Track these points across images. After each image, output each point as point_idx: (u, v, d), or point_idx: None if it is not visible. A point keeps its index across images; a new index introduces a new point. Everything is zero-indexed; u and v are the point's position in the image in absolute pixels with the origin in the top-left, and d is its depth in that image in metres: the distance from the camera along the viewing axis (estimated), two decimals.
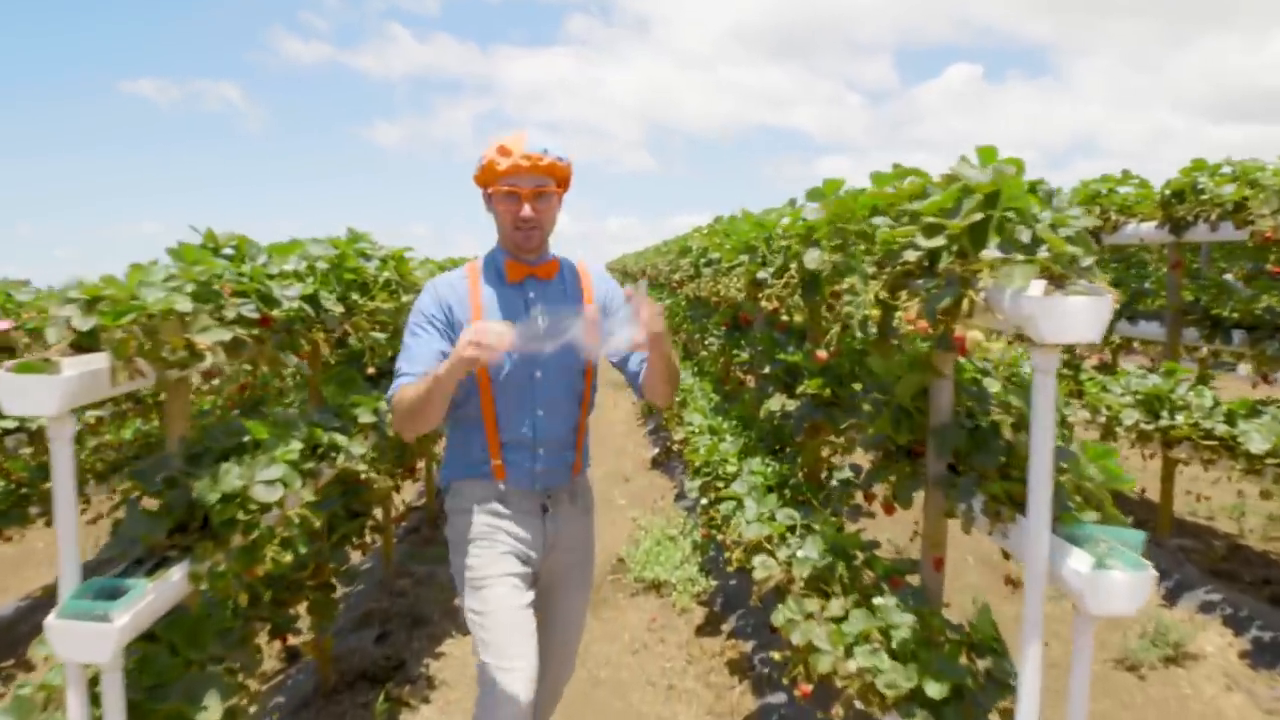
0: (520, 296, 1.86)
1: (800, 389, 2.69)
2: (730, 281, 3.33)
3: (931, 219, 1.53)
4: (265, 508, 1.91)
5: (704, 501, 3.33)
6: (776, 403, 2.85)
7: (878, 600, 1.87)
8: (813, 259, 2.05)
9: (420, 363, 1.77)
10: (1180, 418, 3.36)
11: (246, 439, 2.01)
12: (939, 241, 1.51)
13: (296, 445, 2.02)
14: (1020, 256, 1.43)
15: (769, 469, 2.93)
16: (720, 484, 3.17)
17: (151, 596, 1.62)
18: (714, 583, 3.94)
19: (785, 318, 3.05)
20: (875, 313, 1.83)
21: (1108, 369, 4.57)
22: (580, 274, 1.96)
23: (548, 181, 1.80)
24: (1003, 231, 1.50)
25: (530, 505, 1.87)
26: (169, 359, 1.67)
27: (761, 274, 2.86)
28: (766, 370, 3.15)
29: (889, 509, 2.04)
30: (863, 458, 2.63)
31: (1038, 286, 1.37)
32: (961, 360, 1.96)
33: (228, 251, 2.14)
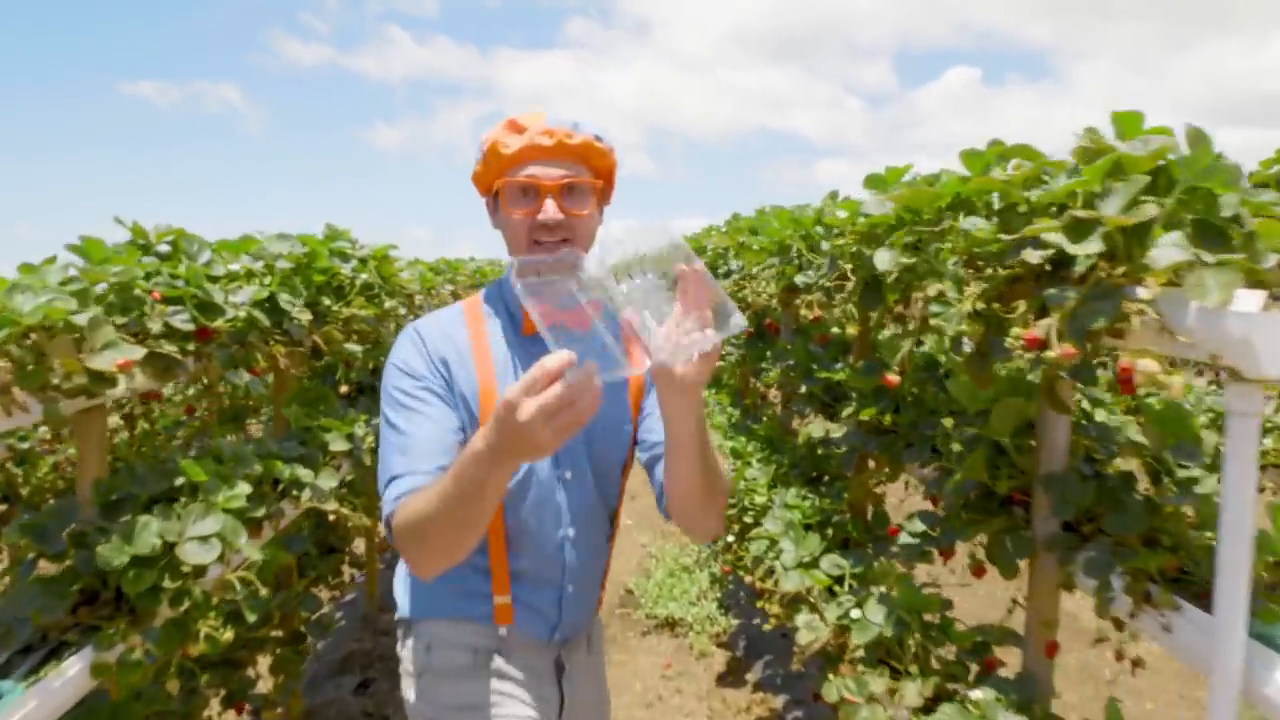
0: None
1: (847, 413, 2.30)
2: (759, 286, 2.93)
3: (1081, 213, 1.13)
4: (199, 571, 1.51)
5: (729, 538, 2.93)
6: (819, 428, 2.46)
7: (975, 694, 1.47)
8: (884, 260, 1.65)
9: (427, 454, 1.11)
10: (1269, 440, 2.96)
11: (181, 481, 1.61)
12: (1094, 246, 1.11)
13: (243, 489, 1.63)
14: (1211, 258, 1.04)
15: (807, 503, 2.53)
16: (748, 517, 2.77)
17: (33, 704, 1.23)
18: (735, 621, 3.54)
19: (836, 330, 2.64)
20: (974, 328, 1.44)
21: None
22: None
23: (581, 170, 1.20)
24: (1178, 223, 1.11)
25: (541, 663, 1.31)
26: (61, 386, 1.27)
27: (800, 278, 2.46)
28: (802, 389, 2.76)
29: (979, 572, 1.65)
30: (908, 489, 2.24)
31: (1251, 300, 0.99)
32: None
33: (163, 249, 1.75)
